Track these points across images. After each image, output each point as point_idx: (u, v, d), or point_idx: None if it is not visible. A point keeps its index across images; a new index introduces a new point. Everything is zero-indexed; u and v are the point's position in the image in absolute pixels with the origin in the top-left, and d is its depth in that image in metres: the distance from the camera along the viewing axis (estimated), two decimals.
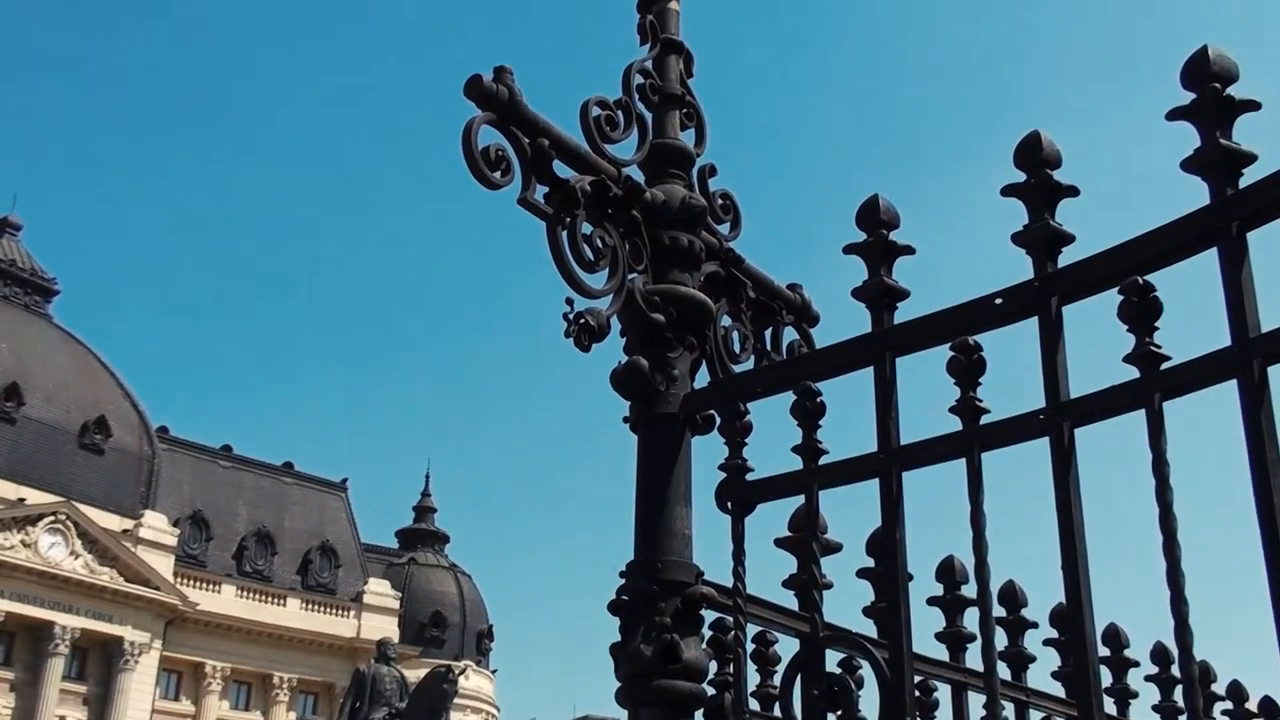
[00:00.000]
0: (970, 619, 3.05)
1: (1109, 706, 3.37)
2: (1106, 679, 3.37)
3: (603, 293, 2.89)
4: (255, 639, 52.03)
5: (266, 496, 57.08)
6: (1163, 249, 2.13)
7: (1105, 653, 3.45)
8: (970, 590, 2.98)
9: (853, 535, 2.89)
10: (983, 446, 2.28)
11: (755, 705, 3.12)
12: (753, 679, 3.16)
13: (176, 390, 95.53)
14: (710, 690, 2.86)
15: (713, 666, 2.93)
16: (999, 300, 2.33)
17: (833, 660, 2.83)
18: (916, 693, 3.10)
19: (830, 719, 2.50)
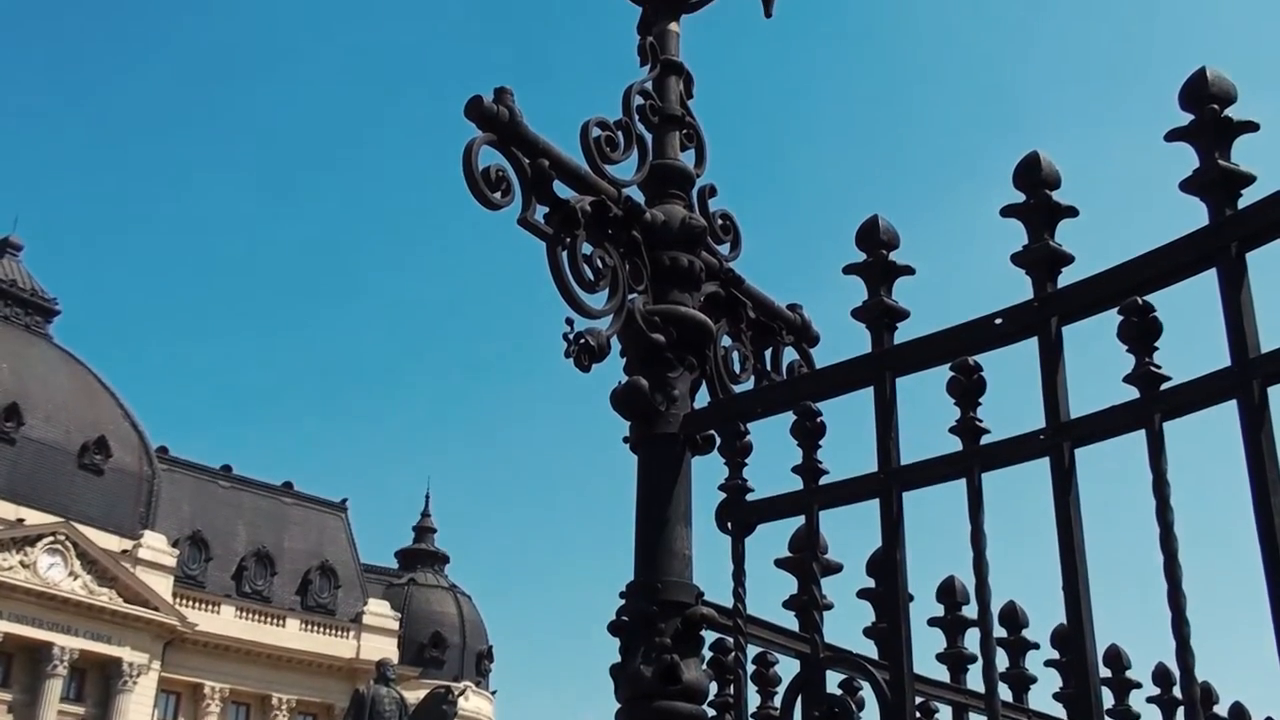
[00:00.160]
0: (971, 640, 3.04)
1: None
2: (1108, 700, 3.35)
3: (603, 313, 2.90)
4: (254, 660, 51.83)
5: (266, 517, 56.95)
6: (1162, 269, 2.13)
7: (1107, 674, 3.44)
8: (971, 611, 2.97)
9: (853, 556, 2.89)
10: (983, 467, 2.28)
11: None
12: (753, 700, 3.15)
13: (176, 410, 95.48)
14: (710, 711, 2.85)
15: (713, 688, 2.92)
16: (999, 320, 2.33)
17: (833, 681, 2.82)
18: (918, 714, 3.10)
19: None
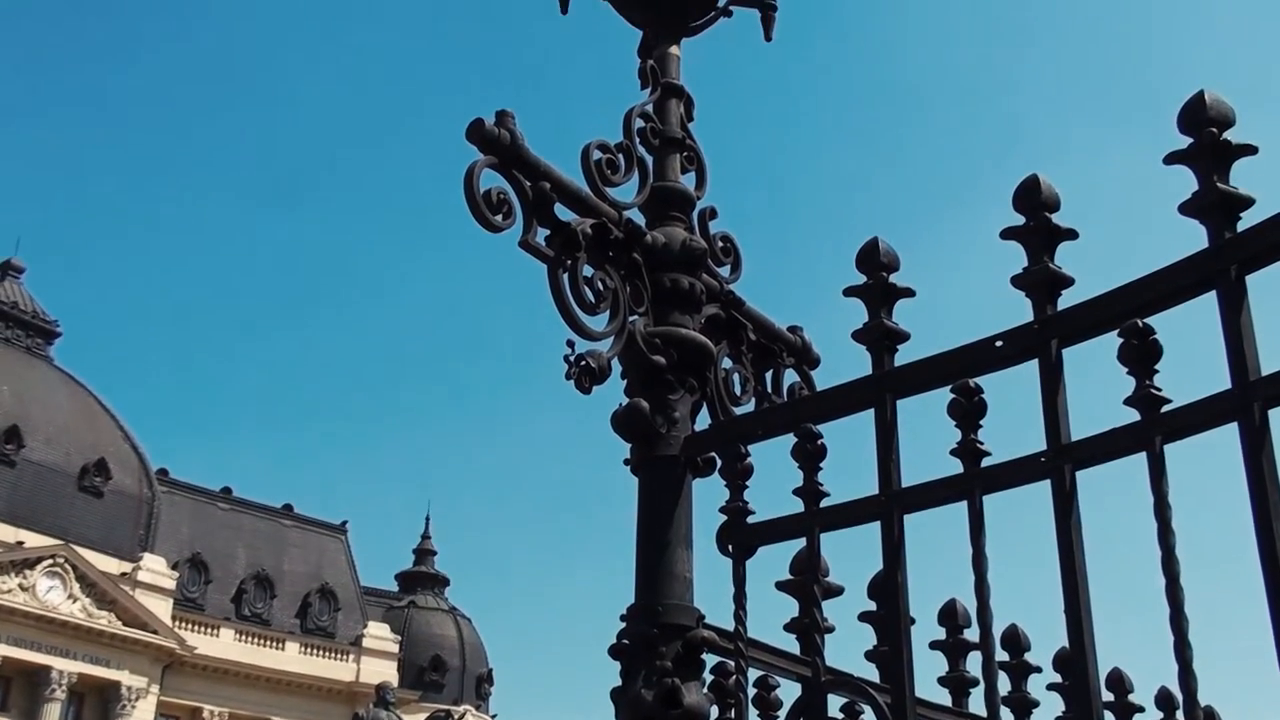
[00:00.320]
0: (973, 663, 3.04)
1: None
2: None
3: (603, 335, 2.90)
4: (254, 683, 51.65)
5: (266, 539, 56.83)
6: (1162, 292, 2.14)
7: (1109, 698, 3.43)
8: (973, 634, 2.97)
9: (854, 578, 2.88)
10: (984, 489, 2.28)
11: None
12: None
13: (177, 432, 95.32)
14: None
15: (714, 711, 2.90)
16: (999, 343, 2.33)
17: (835, 705, 2.82)
18: None
19: None
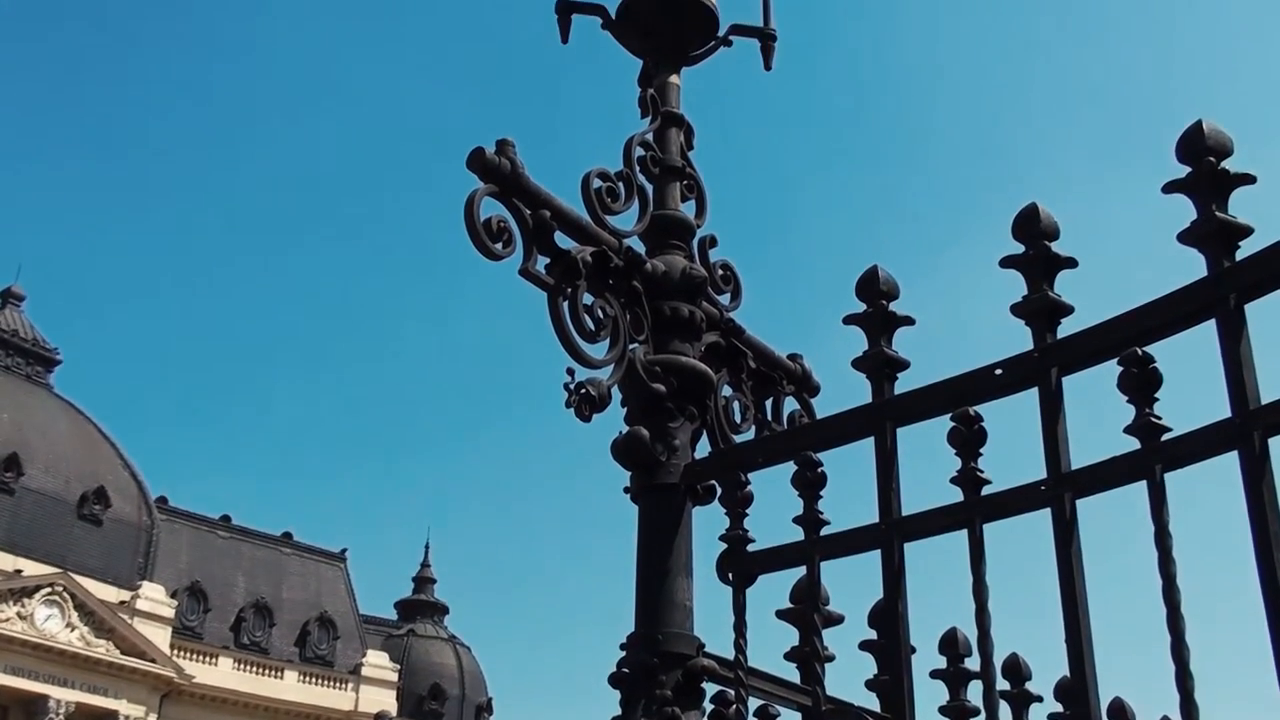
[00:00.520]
0: (974, 692, 3.02)
1: None
2: None
3: (604, 363, 2.90)
4: (252, 712, 51.38)
5: (265, 567, 56.67)
6: (1161, 320, 2.14)
7: None
8: (974, 663, 2.95)
9: (855, 607, 2.87)
10: (984, 518, 2.28)
11: None
12: None
13: (176, 460, 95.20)
14: None
15: None
16: (999, 371, 2.34)
17: None
18: None
19: None
